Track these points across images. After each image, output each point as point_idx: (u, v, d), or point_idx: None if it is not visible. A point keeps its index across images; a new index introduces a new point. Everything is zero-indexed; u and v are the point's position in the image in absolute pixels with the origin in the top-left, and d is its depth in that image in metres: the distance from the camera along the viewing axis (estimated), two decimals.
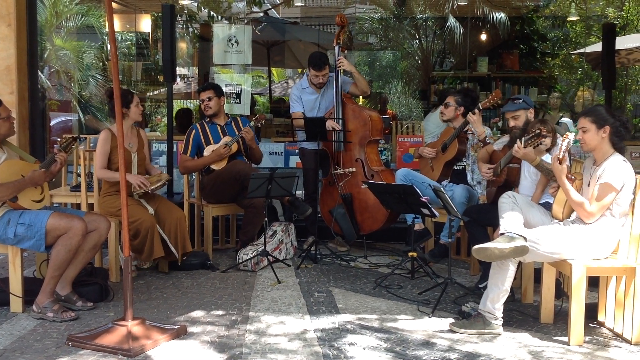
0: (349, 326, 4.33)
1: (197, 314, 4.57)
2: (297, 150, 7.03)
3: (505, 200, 4.33)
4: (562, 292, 4.71)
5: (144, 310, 4.58)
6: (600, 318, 4.47)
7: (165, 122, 8.36)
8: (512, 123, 5.11)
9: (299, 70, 15.76)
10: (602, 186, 4.06)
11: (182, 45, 13.06)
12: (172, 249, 5.42)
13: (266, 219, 5.72)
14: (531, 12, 12.53)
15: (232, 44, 8.26)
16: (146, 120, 12.49)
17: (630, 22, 13.17)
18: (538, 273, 4.68)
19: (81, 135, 6.64)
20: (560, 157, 4.08)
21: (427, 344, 4.02)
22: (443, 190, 4.86)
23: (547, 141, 4.64)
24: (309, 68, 6.45)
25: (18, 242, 4.43)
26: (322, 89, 6.49)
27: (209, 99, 6.28)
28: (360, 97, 8.36)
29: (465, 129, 5.80)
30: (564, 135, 4.10)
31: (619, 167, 4.08)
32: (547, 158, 4.66)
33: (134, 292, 4.29)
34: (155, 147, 7.57)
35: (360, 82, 6.53)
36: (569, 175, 4.15)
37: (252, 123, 6.21)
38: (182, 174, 6.42)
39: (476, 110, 5.54)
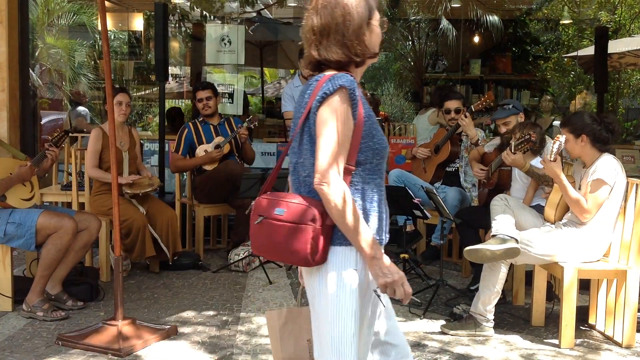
0: None
1: (188, 314, 4.55)
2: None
3: (497, 202, 4.33)
4: (553, 294, 4.72)
5: (134, 310, 4.56)
6: (591, 321, 4.48)
7: (157, 121, 8.33)
8: (503, 129, 5.07)
9: (292, 71, 15.73)
10: (595, 182, 4.05)
11: (175, 45, 13.02)
12: (164, 248, 5.41)
13: None
14: (524, 15, 12.54)
15: (225, 44, 8.23)
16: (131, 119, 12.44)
17: (622, 26, 13.23)
18: (529, 276, 4.68)
19: (71, 134, 6.59)
20: (552, 159, 4.05)
21: (418, 346, 4.02)
22: (435, 191, 4.86)
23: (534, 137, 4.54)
24: (300, 60, 6.45)
25: (8, 241, 4.41)
26: None
27: (209, 98, 6.22)
28: None
29: (459, 131, 5.80)
30: (555, 138, 4.08)
31: (610, 164, 4.08)
32: (536, 162, 4.63)
33: (125, 292, 4.26)
34: (147, 146, 7.54)
35: None
36: None
37: (245, 124, 6.18)
38: (173, 172, 6.39)
39: (467, 113, 5.52)
